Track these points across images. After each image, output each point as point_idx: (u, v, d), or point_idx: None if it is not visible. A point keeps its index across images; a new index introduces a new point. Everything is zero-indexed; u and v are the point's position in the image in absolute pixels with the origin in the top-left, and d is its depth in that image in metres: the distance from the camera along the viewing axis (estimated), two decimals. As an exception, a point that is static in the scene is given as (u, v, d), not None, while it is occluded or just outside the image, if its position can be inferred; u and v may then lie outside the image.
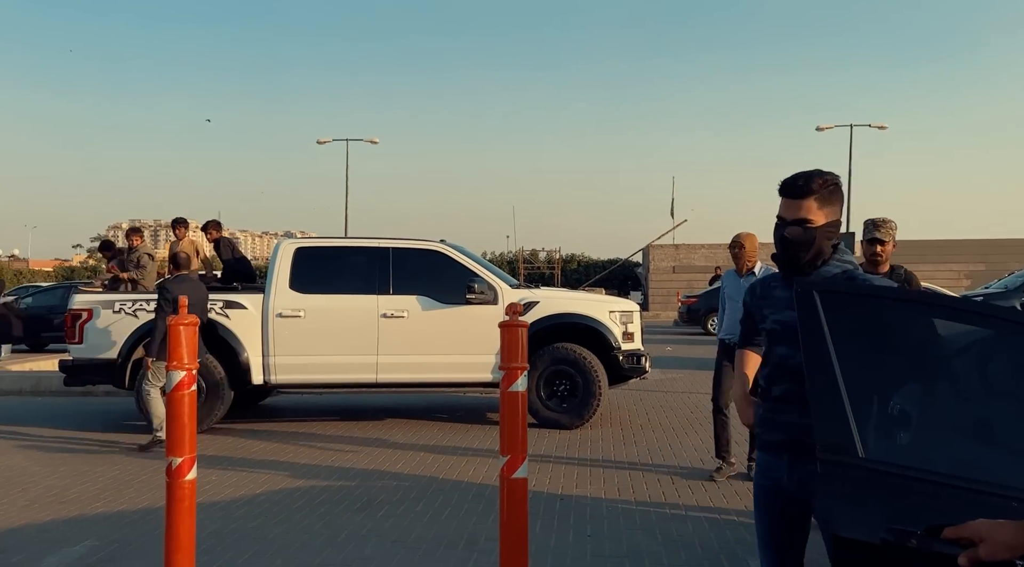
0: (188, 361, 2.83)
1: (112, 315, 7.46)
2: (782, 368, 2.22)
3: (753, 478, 2.39)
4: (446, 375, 7.69)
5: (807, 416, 1.95)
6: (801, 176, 2.18)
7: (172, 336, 2.82)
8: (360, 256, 7.90)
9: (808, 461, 1.95)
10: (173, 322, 2.83)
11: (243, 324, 7.56)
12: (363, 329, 7.59)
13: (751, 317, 2.42)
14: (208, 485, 5.46)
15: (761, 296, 2.33)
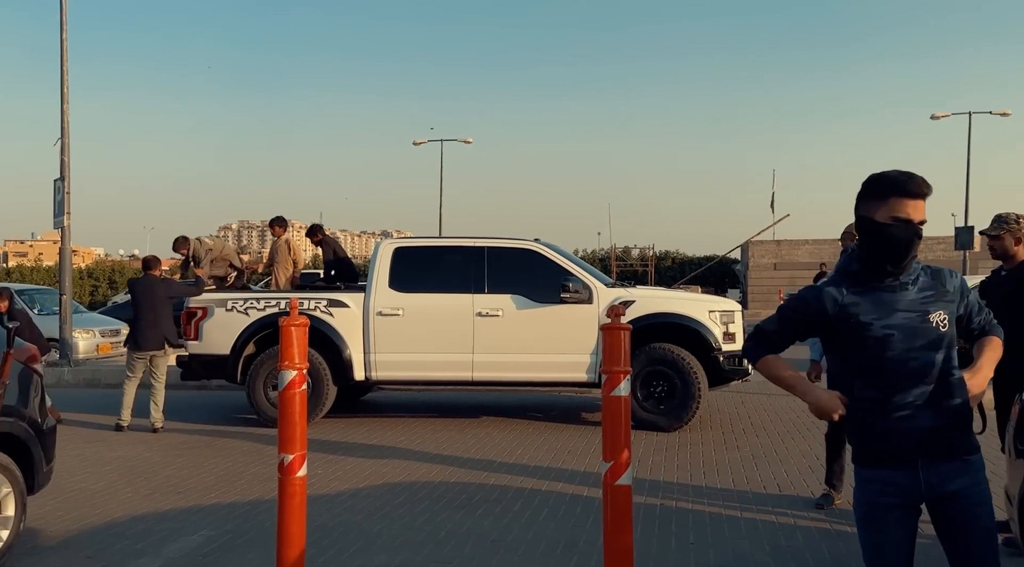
0: (299, 361, 2.91)
1: (225, 313, 7.84)
2: (903, 374, 2.11)
3: (862, 499, 2.21)
4: (540, 374, 7.67)
5: (941, 413, 2.09)
6: (917, 176, 2.14)
7: (283, 336, 2.91)
8: (456, 255, 7.98)
9: (944, 459, 2.11)
10: (284, 323, 2.92)
11: (346, 322, 7.78)
12: (459, 327, 7.67)
13: (805, 325, 2.26)
14: (314, 478, 5.64)
15: (852, 303, 2.16)
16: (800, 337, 2.32)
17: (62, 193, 11.05)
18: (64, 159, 11.11)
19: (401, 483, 5.55)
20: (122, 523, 4.65)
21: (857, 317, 2.15)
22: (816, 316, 2.22)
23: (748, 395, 9.51)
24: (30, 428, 4.03)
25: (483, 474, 5.80)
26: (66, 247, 11.25)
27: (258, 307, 7.83)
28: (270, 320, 7.80)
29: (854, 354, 2.16)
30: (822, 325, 2.22)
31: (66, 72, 11.16)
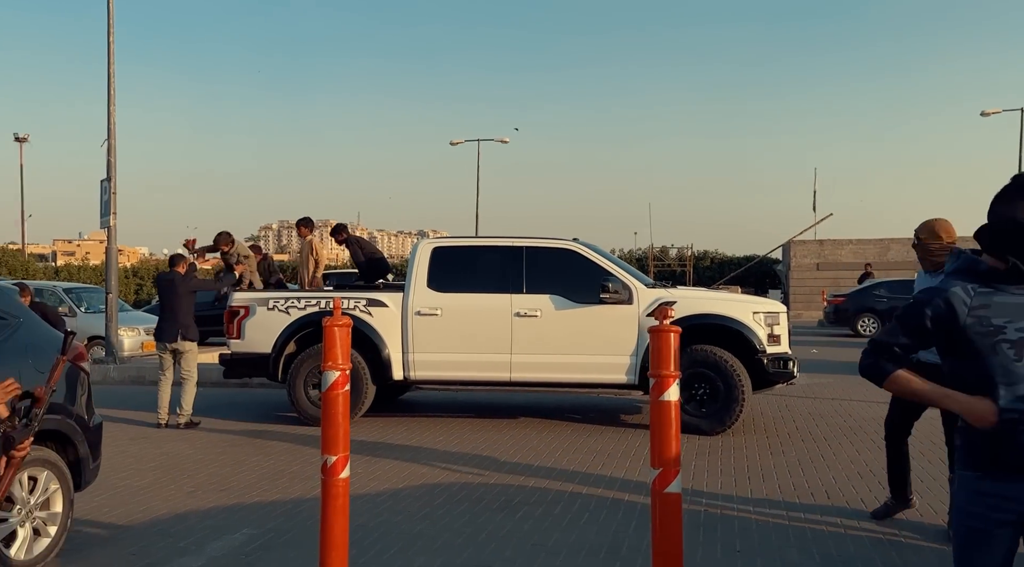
0: (342, 362, 2.89)
1: (266, 312, 7.91)
2: None
3: (971, 512, 2.08)
4: (579, 375, 7.59)
5: None
6: None
7: (327, 337, 2.89)
8: (494, 255, 7.94)
9: None
10: (328, 323, 2.90)
11: (385, 321, 7.80)
12: (497, 328, 7.62)
13: (934, 331, 2.10)
14: (354, 477, 5.60)
15: (981, 305, 2.04)
16: (928, 345, 2.15)
17: (108, 193, 11.29)
18: (110, 160, 11.35)
19: (440, 484, 5.52)
20: (166, 520, 4.69)
21: (989, 319, 2.03)
22: (946, 321, 2.07)
23: (791, 398, 9.30)
24: (77, 425, 4.08)
25: (522, 476, 5.75)
26: (112, 247, 11.50)
27: (299, 306, 7.88)
28: (310, 319, 7.85)
29: (981, 359, 2.03)
30: (947, 330, 2.08)
31: (113, 75, 11.41)
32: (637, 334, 7.41)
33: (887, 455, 4.77)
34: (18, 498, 3.69)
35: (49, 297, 13.37)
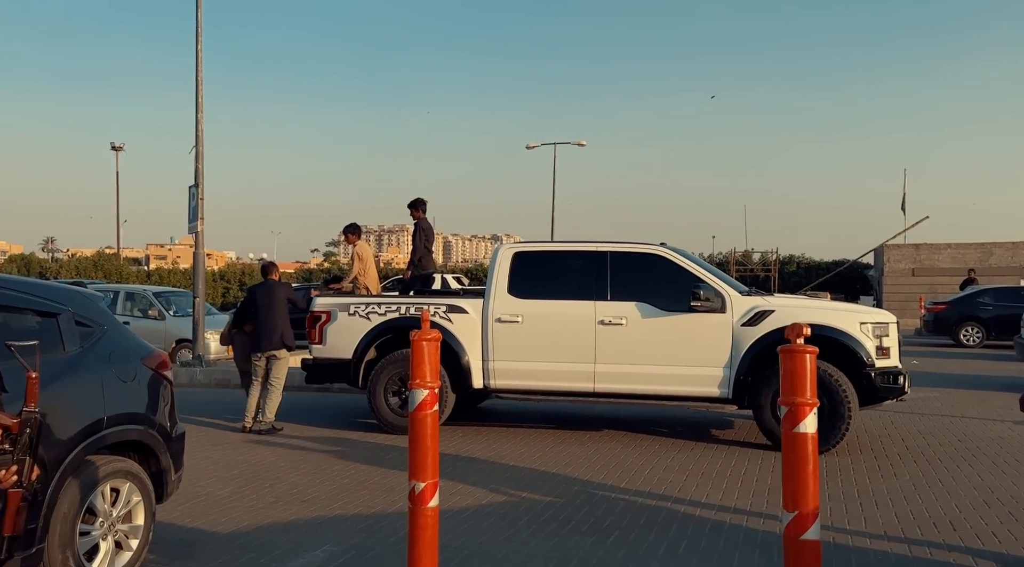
0: (431, 378, 2.65)
1: (347, 317, 7.84)
2: None
3: None
4: (667, 387, 7.20)
5: None
6: None
7: (415, 352, 2.66)
8: (578, 260, 7.64)
9: None
10: (416, 337, 2.67)
11: (465, 328, 7.61)
12: (580, 336, 7.33)
13: None
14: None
15: None
16: None
17: (196, 199, 11.55)
18: (198, 167, 11.61)
19: (525, 501, 5.26)
20: (247, 533, 4.59)
21: None
22: None
23: (896, 414, 8.64)
24: (159, 436, 4.00)
25: (611, 495, 5.42)
26: (200, 251, 11.75)
27: (379, 312, 7.78)
28: (391, 325, 7.73)
29: None
30: None
31: (201, 83, 11.68)
32: (731, 344, 6.97)
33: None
34: (100, 510, 3.61)
35: (139, 301, 13.83)
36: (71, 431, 3.48)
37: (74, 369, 3.61)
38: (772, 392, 6.82)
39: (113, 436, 3.70)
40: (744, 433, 7.77)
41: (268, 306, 8.05)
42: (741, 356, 6.91)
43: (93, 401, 3.64)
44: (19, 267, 35.63)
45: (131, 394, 3.91)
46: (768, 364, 6.87)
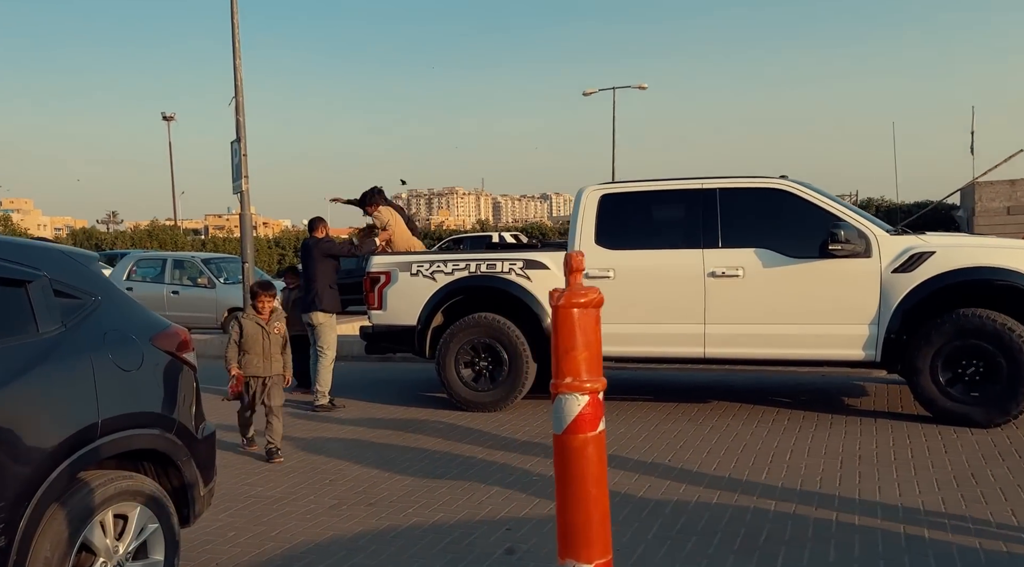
0: (589, 374, 1.54)
1: (409, 278, 6.79)
2: None
3: None
4: (797, 351, 5.96)
5: None
6: None
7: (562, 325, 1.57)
8: (680, 201, 6.40)
9: None
10: (564, 300, 1.57)
11: (546, 286, 6.48)
12: (686, 292, 6.13)
13: None
14: (531, 486, 4.40)
15: None
16: None
17: (239, 156, 10.60)
18: (239, 119, 10.64)
19: (646, 502, 4.16)
20: (303, 552, 3.61)
21: None
22: None
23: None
24: (180, 440, 3.01)
25: (753, 494, 4.28)
26: (246, 212, 10.85)
27: (446, 271, 6.70)
28: (461, 286, 6.66)
29: None
30: None
31: (237, 27, 10.63)
32: (879, 296, 5.68)
33: None
34: (100, 547, 2.65)
35: (189, 268, 13.10)
36: (50, 443, 2.50)
37: (52, 357, 2.61)
38: (932, 353, 5.53)
39: (113, 445, 2.71)
40: (886, 401, 6.50)
41: (305, 266, 7.18)
42: (892, 310, 5.61)
43: (81, 400, 2.64)
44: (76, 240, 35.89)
45: (137, 387, 2.91)
46: (927, 319, 5.57)
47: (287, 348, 5.51)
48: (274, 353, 5.37)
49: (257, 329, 5.33)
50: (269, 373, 5.35)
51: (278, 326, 5.42)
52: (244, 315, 5.42)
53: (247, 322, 5.34)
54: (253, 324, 5.34)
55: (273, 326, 5.38)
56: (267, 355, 5.33)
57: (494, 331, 6.56)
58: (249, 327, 5.33)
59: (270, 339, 5.35)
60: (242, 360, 5.32)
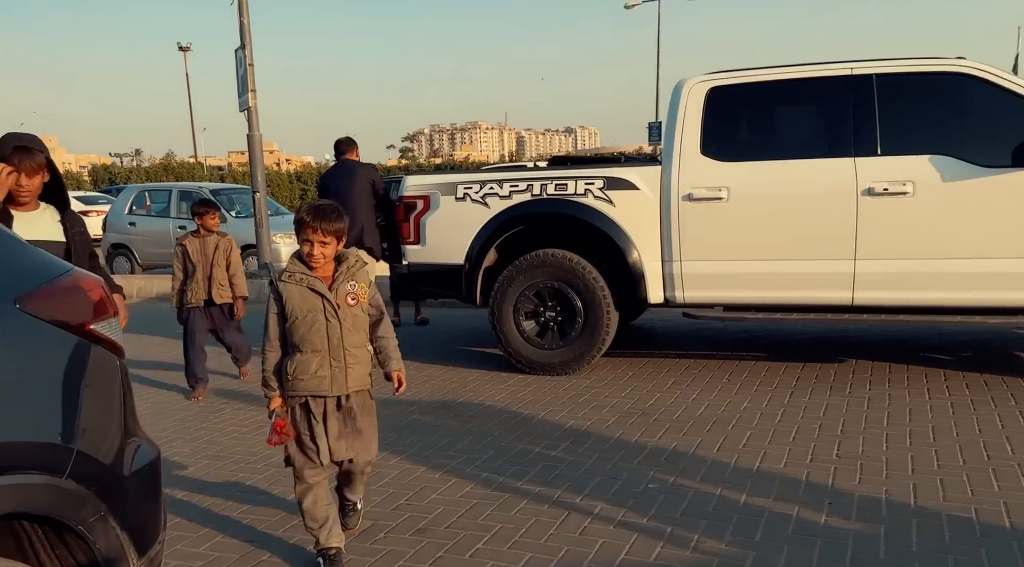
0: None
1: (454, 204, 5.25)
2: None
3: None
4: (993, 295, 4.39)
5: None
6: None
7: None
8: (821, 94, 4.74)
9: None
10: None
11: (634, 212, 4.93)
12: (830, 218, 4.55)
13: None
14: (652, 498, 2.96)
15: None
16: None
17: (244, 65, 9.02)
18: (243, 22, 9.00)
19: (812, 530, 2.70)
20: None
21: None
22: None
23: None
24: (88, 487, 1.58)
25: (924, 489, 2.78)
26: (255, 133, 9.32)
27: (502, 193, 5.15)
28: (520, 213, 5.12)
29: None
30: None
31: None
32: (1121, 219, 4.05)
33: None
34: None
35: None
36: None
37: None
38: None
39: None
40: (1087, 361, 4.93)
41: (343, 195, 5.57)
42: None
43: None
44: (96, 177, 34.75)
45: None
46: None
47: (388, 329, 2.73)
48: (353, 344, 2.58)
49: (313, 299, 2.53)
50: (346, 388, 2.57)
51: (355, 292, 2.58)
52: (286, 275, 2.58)
53: (291, 288, 2.55)
54: (305, 291, 2.54)
55: (345, 293, 2.57)
56: (339, 352, 2.54)
57: (565, 272, 5.05)
58: (295, 296, 2.54)
59: (342, 320, 2.55)
60: (291, 366, 2.55)
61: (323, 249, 2.50)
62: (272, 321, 2.56)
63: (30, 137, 2.68)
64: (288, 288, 2.52)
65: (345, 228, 2.55)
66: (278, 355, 2.57)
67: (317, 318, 2.51)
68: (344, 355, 2.54)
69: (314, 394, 2.53)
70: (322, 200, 2.52)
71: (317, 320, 2.51)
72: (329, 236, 2.50)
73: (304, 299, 2.51)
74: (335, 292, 2.53)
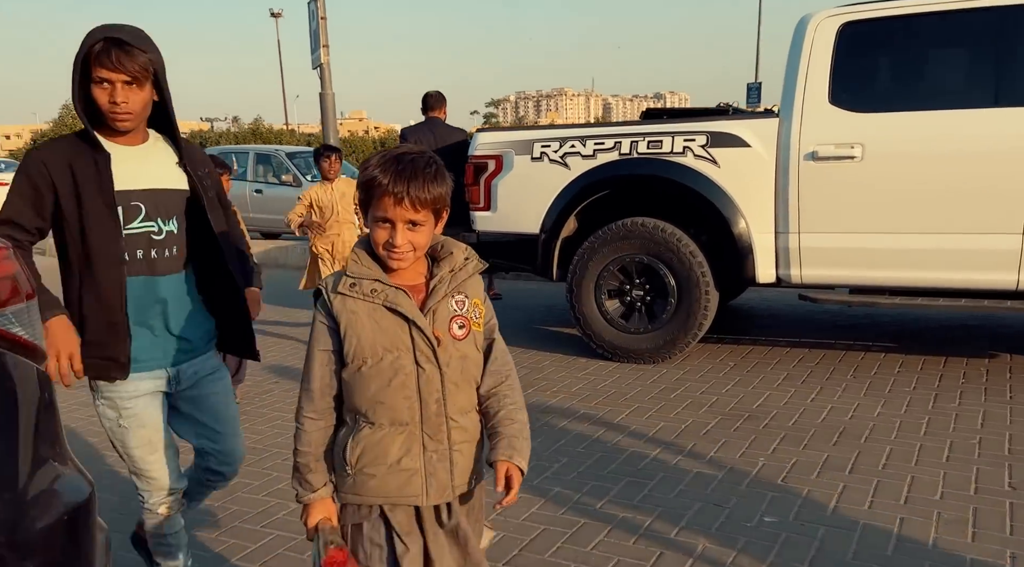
0: None
1: (530, 165, 4.58)
2: None
3: None
4: None
5: None
6: None
7: None
8: (985, 27, 3.81)
9: None
10: None
11: (742, 174, 4.15)
12: (994, 182, 3.65)
13: None
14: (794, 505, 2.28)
15: None
16: None
17: (316, 19, 8.56)
18: (314, -27, 8.52)
19: None
20: None
21: None
22: None
23: None
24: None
25: None
26: (327, 91, 8.88)
27: (584, 153, 4.45)
28: (606, 176, 4.41)
29: None
30: None
31: None
32: None
33: None
34: None
35: (273, 164, 11.42)
36: None
37: None
38: None
39: None
40: None
41: None
42: None
43: None
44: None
45: None
46: None
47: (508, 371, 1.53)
48: (461, 408, 1.47)
49: (395, 329, 1.40)
50: (451, 491, 1.47)
51: (464, 316, 1.45)
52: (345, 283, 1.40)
53: (355, 307, 1.40)
54: (380, 314, 1.40)
55: (449, 316, 1.43)
56: (439, 425, 1.44)
57: (656, 245, 4.33)
58: (363, 321, 1.40)
59: (443, 366, 1.42)
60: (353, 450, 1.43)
61: (413, 234, 1.37)
62: (318, 363, 1.43)
63: (131, 29, 1.76)
64: (349, 307, 1.40)
65: (448, 194, 1.40)
66: (328, 427, 1.46)
67: (401, 363, 1.39)
68: (448, 430, 1.43)
69: (397, 502, 1.44)
70: (404, 146, 1.42)
71: (401, 367, 1.39)
72: (423, 209, 1.35)
73: (379, 328, 1.39)
74: (432, 315, 1.41)
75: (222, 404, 2.04)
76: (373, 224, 1.39)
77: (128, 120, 1.79)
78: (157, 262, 1.86)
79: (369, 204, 1.38)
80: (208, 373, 2.01)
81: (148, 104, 1.82)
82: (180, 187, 1.90)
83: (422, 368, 1.40)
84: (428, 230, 1.40)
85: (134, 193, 1.83)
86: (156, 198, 1.85)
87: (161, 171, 1.89)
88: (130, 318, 1.84)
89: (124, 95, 1.75)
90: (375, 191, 1.35)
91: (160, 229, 1.86)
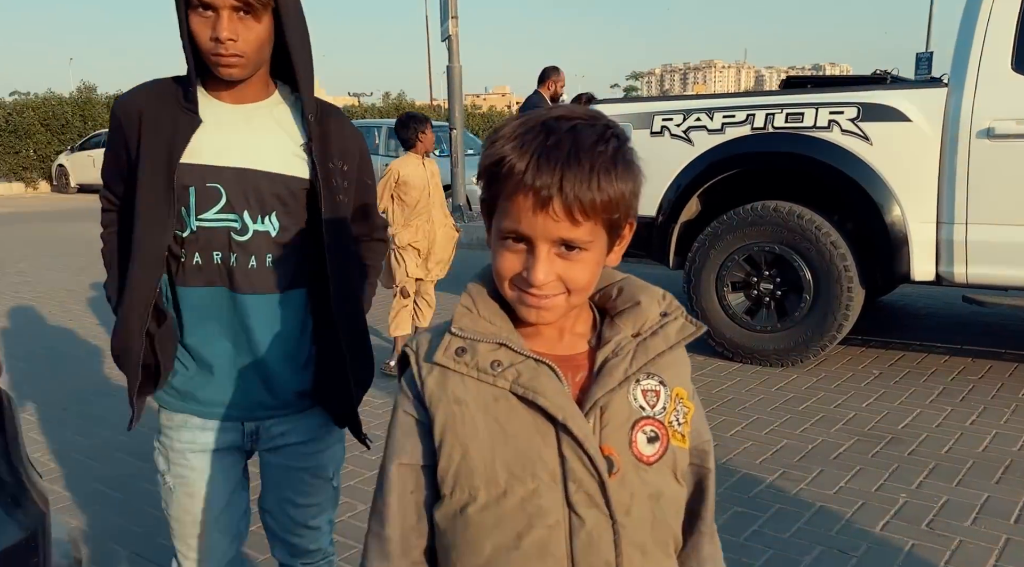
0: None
1: (648, 139, 4.16)
2: None
3: None
4: None
5: None
6: None
7: None
8: None
9: None
10: None
11: (899, 153, 3.56)
12: None
13: None
14: None
15: None
16: None
17: (446, -11, 8.41)
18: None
19: None
20: None
21: None
22: None
23: None
24: None
25: None
26: (454, 64, 8.75)
27: (711, 126, 3.99)
28: (734, 153, 3.93)
29: None
30: None
31: None
32: None
33: None
34: None
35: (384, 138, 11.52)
36: None
37: None
38: None
39: None
40: None
41: None
42: None
43: None
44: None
45: None
46: None
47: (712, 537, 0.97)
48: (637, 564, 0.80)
49: (530, 437, 0.78)
50: None
51: (658, 422, 0.81)
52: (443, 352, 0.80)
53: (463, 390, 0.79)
54: (511, 407, 0.78)
55: (632, 419, 0.79)
56: None
57: (791, 232, 3.82)
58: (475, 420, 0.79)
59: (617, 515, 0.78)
60: None
61: (568, 264, 0.77)
62: (398, 491, 0.83)
63: None
64: (452, 391, 0.80)
65: (637, 193, 0.78)
66: None
67: (541, 504, 0.78)
68: None
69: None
70: (564, 107, 0.79)
71: (541, 512, 0.78)
72: (588, 220, 0.74)
73: (503, 433, 0.79)
74: (599, 414, 0.79)
75: (307, 484, 1.46)
76: (498, 242, 0.79)
77: (236, 65, 1.23)
78: (237, 273, 1.31)
79: (495, 205, 0.78)
80: (301, 440, 1.43)
81: (267, 44, 1.26)
82: (292, 173, 1.32)
83: (579, 516, 0.77)
84: (596, 258, 0.78)
85: (214, 170, 1.28)
86: (247, 181, 1.29)
87: (268, 144, 1.32)
88: (195, 344, 1.35)
89: (231, 29, 1.20)
90: (504, 183, 0.75)
91: (245, 227, 1.30)
